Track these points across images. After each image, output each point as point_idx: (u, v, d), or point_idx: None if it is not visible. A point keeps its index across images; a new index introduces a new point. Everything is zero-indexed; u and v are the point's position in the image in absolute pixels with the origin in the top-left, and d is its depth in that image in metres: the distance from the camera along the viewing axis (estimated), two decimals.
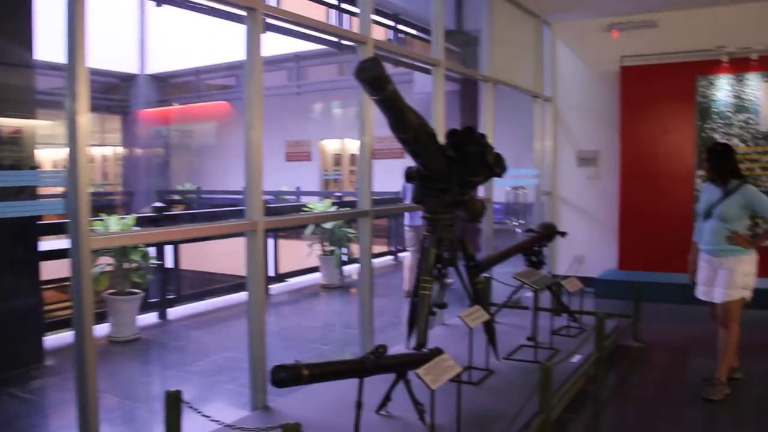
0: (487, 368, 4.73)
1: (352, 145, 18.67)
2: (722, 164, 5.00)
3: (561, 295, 6.22)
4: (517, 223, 9.14)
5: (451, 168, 4.55)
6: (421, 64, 6.80)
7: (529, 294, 5.50)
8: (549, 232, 6.50)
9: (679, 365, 5.96)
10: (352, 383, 3.37)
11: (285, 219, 6.17)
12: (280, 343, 6.69)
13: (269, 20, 5.39)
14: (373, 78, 3.76)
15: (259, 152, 4.08)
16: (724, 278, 4.96)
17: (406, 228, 8.09)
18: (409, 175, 4.72)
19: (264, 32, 9.70)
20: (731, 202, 4.91)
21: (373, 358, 3.41)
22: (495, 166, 4.62)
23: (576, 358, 5.04)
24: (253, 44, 4.05)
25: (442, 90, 6.44)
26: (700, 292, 5.21)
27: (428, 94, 12.63)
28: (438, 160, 4.48)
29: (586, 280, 8.78)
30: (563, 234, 6.73)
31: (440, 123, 6.15)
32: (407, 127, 4.09)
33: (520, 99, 9.38)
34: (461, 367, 3.55)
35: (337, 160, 20.55)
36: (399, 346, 4.99)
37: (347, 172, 19.77)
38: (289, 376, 3.07)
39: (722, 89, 8.38)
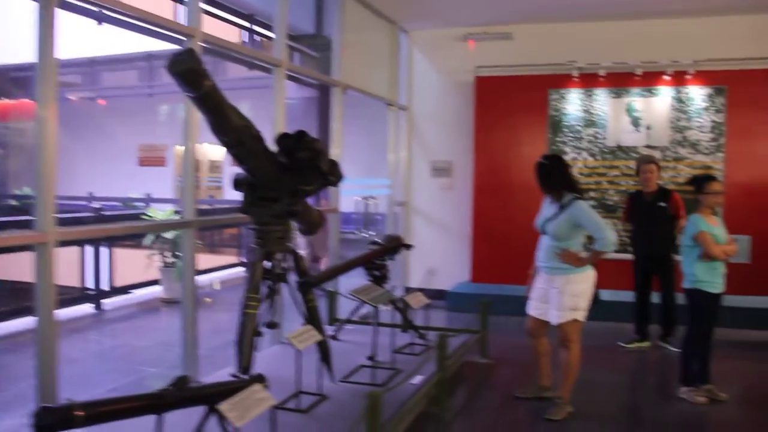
0: (319, 393, 4.35)
1: (211, 151, 17.85)
2: (549, 178, 4.86)
3: (407, 311, 5.95)
4: (367, 234, 8.87)
5: (282, 175, 4.15)
6: (266, 65, 6.38)
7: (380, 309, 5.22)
8: (393, 245, 6.19)
9: (526, 382, 5.81)
10: (173, 416, 2.90)
11: (84, 230, 5.51)
12: (102, 366, 6.06)
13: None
14: (187, 71, 3.31)
15: (52, 155, 3.52)
16: (555, 299, 4.82)
17: None
18: (238, 183, 4.29)
19: (99, 24, 8.98)
20: (562, 219, 4.77)
21: (173, 391, 2.95)
22: (329, 174, 4.26)
23: (417, 379, 4.76)
24: (45, 27, 3.48)
25: (282, 92, 6.04)
26: (531, 307, 5.08)
27: (292, 101, 12.12)
28: (266, 166, 4.06)
29: (438, 293, 8.67)
30: (409, 247, 6.47)
31: (281, 128, 5.73)
32: (229, 129, 3.66)
33: (377, 107, 9.13)
34: (275, 400, 3.15)
35: (196, 165, 19.58)
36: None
37: (205, 179, 18.92)
38: (57, 420, 2.56)
39: (573, 103, 8.47)
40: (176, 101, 17.84)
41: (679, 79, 8.20)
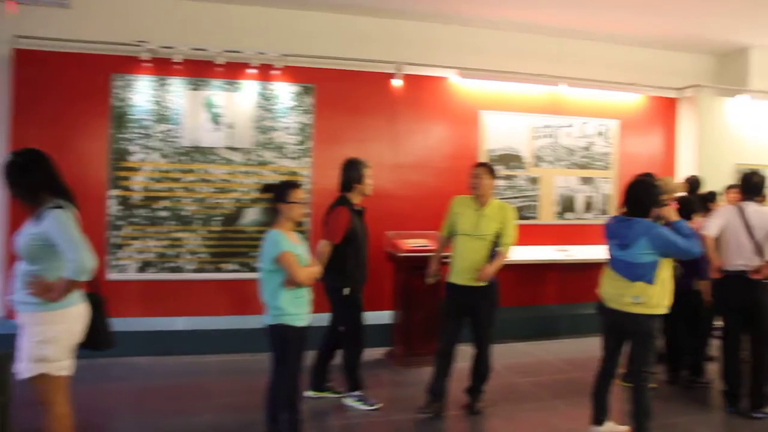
0: None
1: None
2: (22, 181, 3.51)
3: None
4: None
5: None
6: None
7: None
8: None
9: None
10: None
11: None
12: None
13: None
14: None
15: None
16: (22, 345, 3.46)
17: None
18: None
19: None
20: (32, 234, 3.45)
21: None
22: None
23: None
24: None
25: None
26: None
27: None
28: None
29: None
30: None
31: None
32: None
33: None
34: None
35: None
36: None
37: None
38: None
39: (142, 93, 6.97)
40: None
41: (265, 73, 7.24)
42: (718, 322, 7.46)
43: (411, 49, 7.92)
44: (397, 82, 7.66)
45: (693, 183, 7.16)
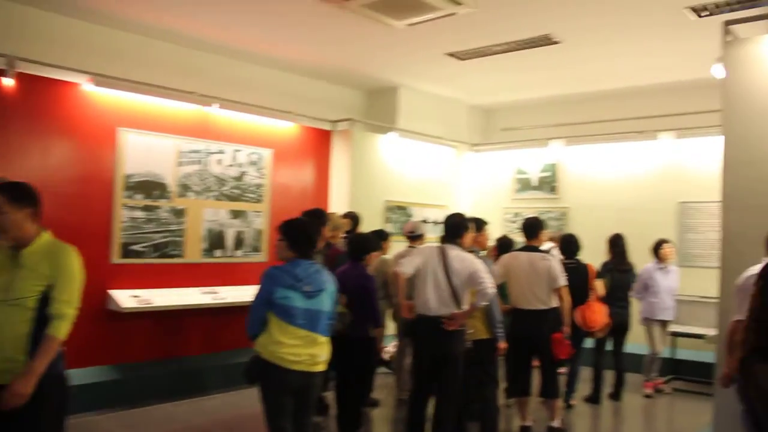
0: None
1: None
2: None
3: None
4: None
5: None
6: None
7: None
8: None
9: None
10: None
11: None
12: None
13: None
14: None
15: None
16: None
17: None
18: None
19: None
20: None
21: None
22: None
23: None
24: None
25: None
26: None
27: None
28: None
29: None
30: None
31: None
32: None
33: None
34: None
35: None
36: None
37: None
38: None
39: None
40: None
41: None
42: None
43: (31, 43, 6.36)
44: (8, 82, 6.00)
45: (354, 219, 6.77)
